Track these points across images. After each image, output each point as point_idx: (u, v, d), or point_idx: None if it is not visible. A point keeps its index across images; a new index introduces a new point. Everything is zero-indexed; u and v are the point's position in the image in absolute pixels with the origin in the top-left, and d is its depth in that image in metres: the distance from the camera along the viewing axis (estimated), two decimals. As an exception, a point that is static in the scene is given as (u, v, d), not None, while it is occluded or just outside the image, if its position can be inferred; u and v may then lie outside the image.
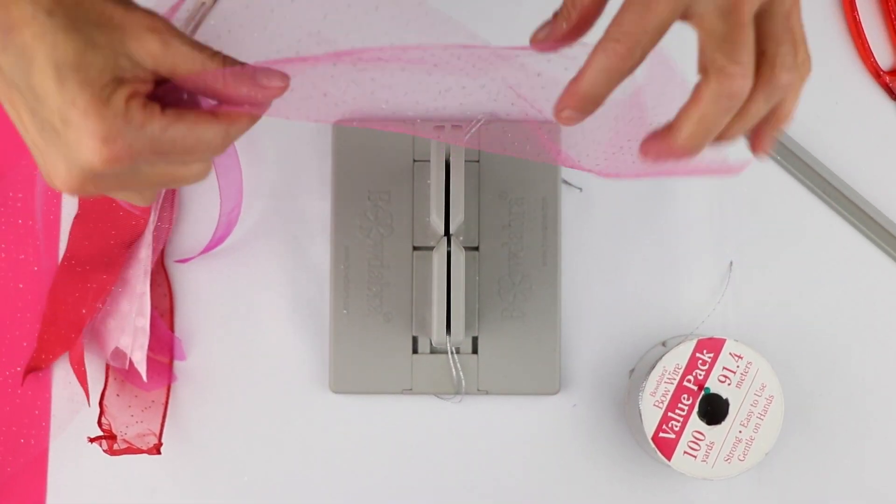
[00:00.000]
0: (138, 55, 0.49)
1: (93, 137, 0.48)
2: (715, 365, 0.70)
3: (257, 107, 0.52)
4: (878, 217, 0.76)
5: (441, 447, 0.75)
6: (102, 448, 0.71)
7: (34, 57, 0.47)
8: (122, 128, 0.48)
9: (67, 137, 0.48)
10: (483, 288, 0.74)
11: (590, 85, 0.51)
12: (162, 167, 0.51)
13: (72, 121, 0.48)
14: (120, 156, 0.48)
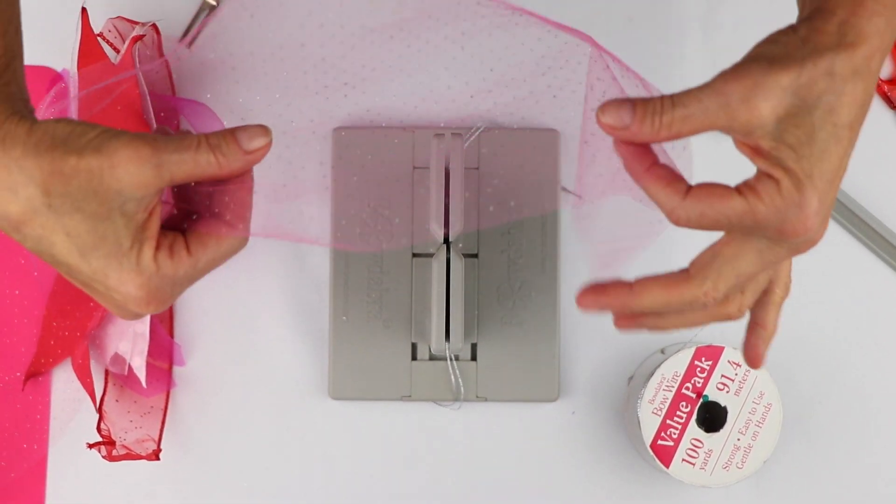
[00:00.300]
0: (138, 193, 0.50)
1: (136, 299, 0.51)
2: (713, 373, 0.70)
3: (247, 180, 0.55)
4: (877, 225, 0.76)
5: (440, 454, 0.75)
6: (101, 454, 0.71)
7: (53, 243, 0.50)
8: (158, 283, 0.51)
9: (113, 297, 0.52)
10: (482, 295, 0.74)
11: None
12: (206, 272, 0.54)
13: (111, 287, 0.51)
14: (165, 299, 0.52)
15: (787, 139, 0.49)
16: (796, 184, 0.49)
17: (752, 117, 0.48)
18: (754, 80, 0.48)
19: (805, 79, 0.48)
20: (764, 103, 0.48)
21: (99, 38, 0.74)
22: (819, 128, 0.49)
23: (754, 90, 0.48)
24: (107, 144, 0.49)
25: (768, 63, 0.49)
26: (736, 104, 0.48)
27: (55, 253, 0.50)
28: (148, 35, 0.74)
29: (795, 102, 0.48)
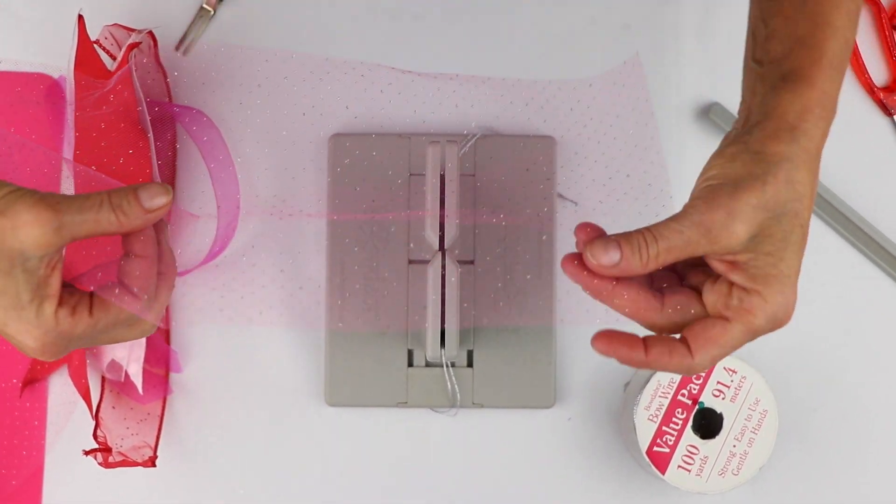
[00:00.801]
0: (38, 252, 0.53)
1: (31, 349, 0.55)
2: (709, 379, 0.70)
3: (148, 252, 0.57)
4: (872, 232, 0.76)
5: (436, 460, 0.75)
6: (97, 461, 0.71)
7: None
8: (55, 338, 0.54)
9: (12, 340, 0.55)
10: (478, 302, 0.74)
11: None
12: (108, 337, 0.57)
13: (9, 335, 0.54)
14: (60, 352, 0.55)
15: (763, 249, 0.54)
16: (780, 289, 0.54)
17: (731, 241, 0.53)
18: (727, 208, 0.53)
19: (770, 194, 0.54)
20: (740, 226, 0.53)
21: (95, 46, 0.74)
22: (790, 232, 0.54)
23: (730, 217, 0.53)
24: (11, 207, 0.52)
25: (733, 187, 0.54)
26: (717, 232, 0.53)
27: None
28: (144, 42, 0.75)
29: (766, 216, 0.54)
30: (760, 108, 0.57)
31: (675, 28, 0.78)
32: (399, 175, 0.75)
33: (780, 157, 0.54)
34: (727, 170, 0.54)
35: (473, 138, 0.75)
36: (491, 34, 0.78)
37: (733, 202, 0.53)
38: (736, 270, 0.54)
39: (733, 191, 0.53)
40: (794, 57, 0.57)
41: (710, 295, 0.56)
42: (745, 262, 0.54)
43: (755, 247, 0.54)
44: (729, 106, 0.77)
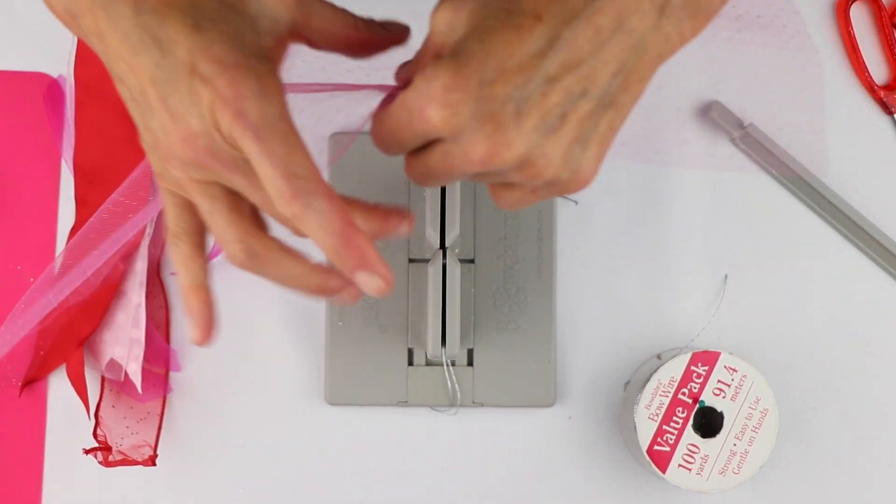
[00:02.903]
0: (276, 11, 0.48)
1: (218, 86, 0.45)
2: (710, 378, 0.70)
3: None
4: (873, 230, 0.76)
5: (436, 459, 0.75)
6: (97, 460, 0.71)
7: (170, 12, 0.45)
8: (252, 85, 0.45)
9: (191, 85, 0.45)
10: (479, 300, 0.74)
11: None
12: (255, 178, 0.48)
13: (200, 68, 0.45)
14: (237, 116, 0.45)
15: None
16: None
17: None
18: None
19: None
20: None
21: (95, 44, 0.74)
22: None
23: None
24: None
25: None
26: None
27: (165, 24, 0.45)
28: (144, 41, 0.74)
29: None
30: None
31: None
32: (399, 173, 0.75)
33: None
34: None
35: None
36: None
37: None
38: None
39: None
40: None
41: None
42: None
43: None
44: (729, 105, 0.77)
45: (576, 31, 0.45)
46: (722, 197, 0.77)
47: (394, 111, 0.48)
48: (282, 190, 0.46)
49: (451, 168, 0.47)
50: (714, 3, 0.48)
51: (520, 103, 0.45)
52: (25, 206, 0.76)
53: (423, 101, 0.46)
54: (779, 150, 0.77)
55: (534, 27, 0.44)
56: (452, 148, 0.47)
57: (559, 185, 0.48)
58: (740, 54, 0.78)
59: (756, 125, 0.77)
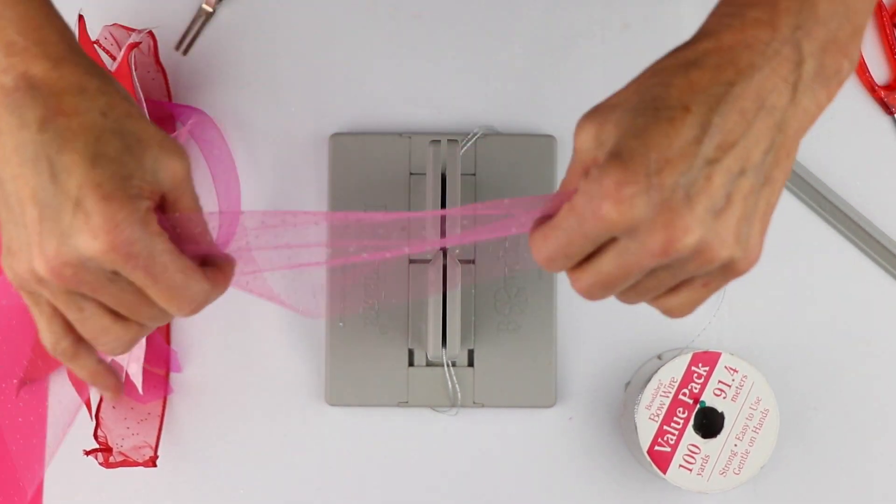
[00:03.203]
0: (164, 174, 0.50)
1: (104, 223, 0.47)
2: (710, 378, 0.70)
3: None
4: (873, 231, 0.76)
5: (437, 460, 0.75)
6: (98, 461, 0.71)
7: (73, 141, 0.48)
8: (134, 226, 0.48)
9: (73, 219, 0.48)
10: (479, 301, 0.74)
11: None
12: (131, 295, 0.50)
13: (86, 203, 0.47)
14: (119, 249, 0.48)
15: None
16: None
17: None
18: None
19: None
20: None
21: (95, 46, 0.74)
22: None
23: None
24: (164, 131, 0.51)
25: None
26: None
27: (64, 151, 0.48)
28: (144, 42, 0.75)
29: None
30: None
31: (675, 28, 0.78)
32: (399, 174, 0.75)
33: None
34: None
35: (474, 137, 0.75)
36: (491, 33, 0.78)
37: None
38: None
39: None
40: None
41: None
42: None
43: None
44: (729, 105, 0.77)
45: (724, 116, 0.47)
46: (722, 197, 0.77)
47: (561, 220, 0.48)
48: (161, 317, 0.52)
49: (628, 266, 0.48)
50: (843, 69, 0.50)
51: (687, 188, 0.46)
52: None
53: (596, 201, 0.46)
54: (779, 151, 0.77)
55: (685, 117, 0.46)
56: (628, 244, 0.47)
57: (732, 266, 0.49)
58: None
59: (756, 125, 0.77)
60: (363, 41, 0.78)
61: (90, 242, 0.47)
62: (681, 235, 0.46)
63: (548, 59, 0.78)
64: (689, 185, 0.46)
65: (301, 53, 0.78)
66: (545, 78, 0.77)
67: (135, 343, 0.53)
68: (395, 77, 0.77)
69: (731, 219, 0.47)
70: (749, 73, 0.47)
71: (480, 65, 0.77)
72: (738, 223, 0.48)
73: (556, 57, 0.78)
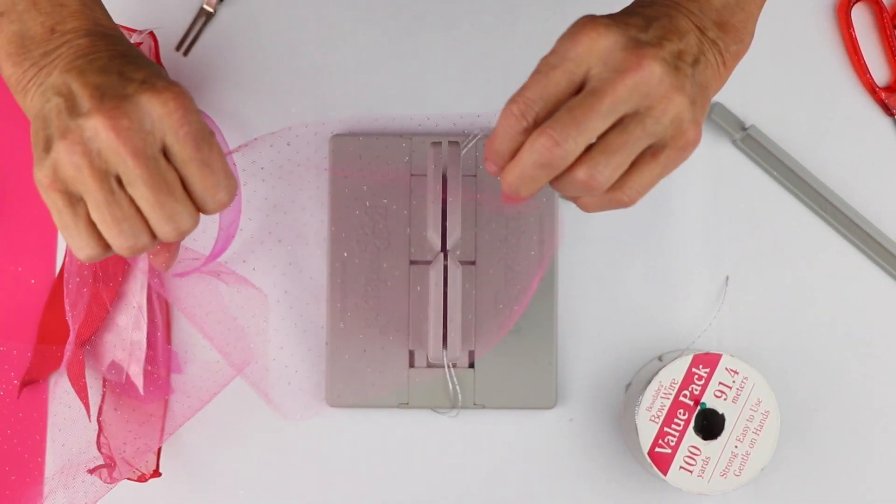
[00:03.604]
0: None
1: (172, 94, 0.52)
2: (711, 380, 0.70)
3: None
4: (874, 232, 0.76)
5: (437, 461, 0.75)
6: (102, 478, 0.71)
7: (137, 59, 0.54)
8: (195, 109, 0.53)
9: (139, 88, 0.52)
10: (480, 302, 0.74)
11: (497, 141, 0.55)
12: (171, 175, 0.53)
13: (155, 82, 0.52)
14: (183, 117, 0.52)
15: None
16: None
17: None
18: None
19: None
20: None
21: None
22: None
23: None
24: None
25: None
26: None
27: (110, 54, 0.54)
28: (145, 43, 0.74)
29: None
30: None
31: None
32: (400, 176, 0.75)
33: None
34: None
35: (475, 139, 0.75)
36: (491, 34, 0.78)
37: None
38: None
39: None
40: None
41: None
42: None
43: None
44: (730, 106, 0.77)
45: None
46: (723, 199, 0.77)
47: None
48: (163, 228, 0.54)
49: (602, 97, 0.53)
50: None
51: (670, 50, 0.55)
52: (26, 207, 0.76)
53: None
54: (780, 152, 0.77)
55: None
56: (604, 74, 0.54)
57: (681, 129, 0.54)
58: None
59: (757, 127, 0.77)
60: (364, 42, 0.78)
61: (155, 102, 0.52)
62: (650, 62, 0.53)
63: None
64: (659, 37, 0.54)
65: (301, 54, 0.77)
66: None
67: (150, 246, 0.54)
68: (395, 78, 0.77)
69: (689, 80, 0.55)
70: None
71: (481, 66, 0.77)
72: (692, 88, 0.55)
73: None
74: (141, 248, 0.53)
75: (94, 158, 0.51)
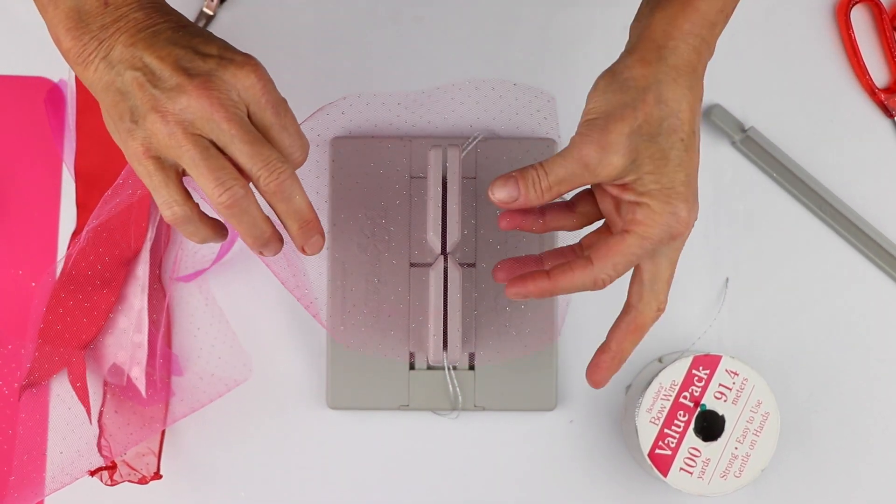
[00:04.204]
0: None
1: (255, 68, 0.56)
2: (711, 381, 0.70)
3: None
4: (873, 234, 0.76)
5: (438, 463, 0.75)
6: (102, 481, 0.71)
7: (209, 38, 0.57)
8: (270, 79, 0.57)
9: (225, 67, 0.55)
10: (480, 305, 0.74)
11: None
12: (255, 135, 0.56)
13: (234, 56, 0.56)
14: (266, 85, 0.56)
15: (643, 169, 0.57)
16: (666, 199, 0.57)
17: (609, 171, 0.57)
18: (600, 142, 0.56)
19: (641, 118, 0.56)
20: (615, 157, 0.56)
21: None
22: (669, 148, 0.57)
23: (603, 150, 0.56)
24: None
25: (605, 120, 0.56)
26: (594, 166, 0.56)
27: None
28: (145, 45, 0.74)
29: (641, 140, 0.56)
30: (635, 33, 0.59)
31: (676, 30, 0.78)
32: (400, 178, 0.75)
33: (647, 81, 0.57)
34: (601, 103, 0.57)
35: (475, 141, 0.75)
36: (491, 36, 0.78)
37: (605, 136, 0.56)
38: (625, 191, 0.58)
39: (605, 124, 0.56)
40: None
41: (606, 208, 0.60)
42: (631, 182, 0.57)
43: (636, 169, 0.57)
44: (730, 108, 0.77)
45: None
46: (723, 200, 0.77)
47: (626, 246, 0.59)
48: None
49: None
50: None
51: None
52: (27, 210, 0.76)
53: (679, 226, 0.59)
54: (779, 154, 0.77)
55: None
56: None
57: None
58: (741, 57, 0.78)
59: (757, 128, 0.77)
60: (364, 44, 0.78)
61: (239, 76, 0.55)
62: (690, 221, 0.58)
63: (548, 62, 0.78)
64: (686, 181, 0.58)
65: (301, 56, 0.78)
66: (545, 82, 0.77)
67: (244, 196, 0.56)
68: (396, 80, 0.77)
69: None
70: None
71: (481, 68, 0.77)
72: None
73: (557, 59, 0.78)
74: (238, 198, 0.55)
75: (187, 126, 0.54)
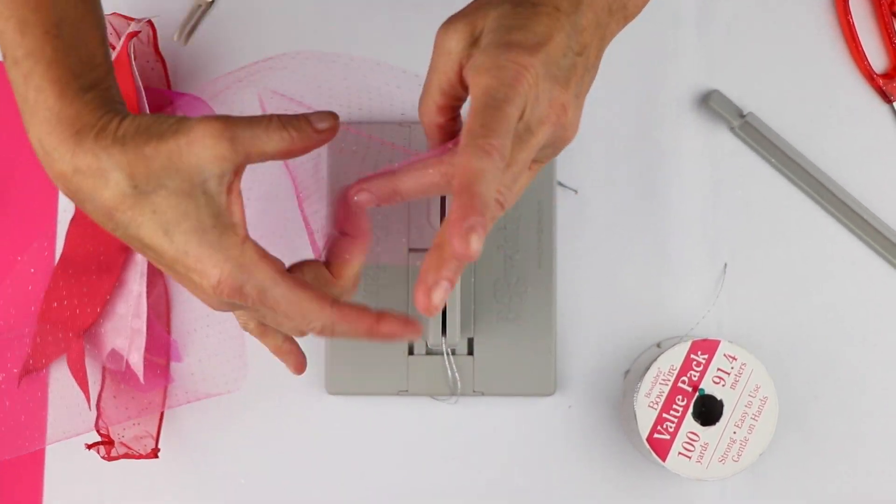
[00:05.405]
0: (216, 169, 0.52)
1: (212, 277, 0.53)
2: (709, 366, 0.70)
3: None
4: (872, 219, 0.77)
5: (437, 448, 0.75)
6: (100, 454, 0.71)
7: (140, 224, 0.52)
8: (236, 268, 0.53)
9: (192, 279, 0.54)
10: (479, 290, 0.74)
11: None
12: (270, 317, 0.56)
13: (189, 266, 0.53)
14: (235, 294, 0.53)
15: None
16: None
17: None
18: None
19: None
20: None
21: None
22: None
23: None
24: (184, 125, 0.52)
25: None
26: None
27: (142, 235, 0.53)
28: (143, 31, 0.74)
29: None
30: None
31: (674, 16, 0.78)
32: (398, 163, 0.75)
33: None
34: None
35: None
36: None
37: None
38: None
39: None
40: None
41: None
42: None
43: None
44: (728, 94, 0.77)
45: (583, 17, 0.54)
46: (721, 186, 0.77)
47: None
48: (303, 331, 0.58)
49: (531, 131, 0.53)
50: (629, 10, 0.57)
51: (566, 72, 0.54)
52: (26, 197, 0.76)
53: (511, 75, 0.52)
54: (778, 139, 0.77)
55: (559, 15, 0.54)
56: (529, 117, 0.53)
57: (565, 139, 0.55)
58: (739, 43, 0.78)
59: (755, 114, 0.77)
60: (363, 31, 0.78)
61: (210, 295, 0.54)
62: (566, 110, 0.53)
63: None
64: (568, 68, 0.53)
65: (300, 43, 0.77)
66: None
67: (304, 333, 0.58)
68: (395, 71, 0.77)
69: (581, 98, 0.54)
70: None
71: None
72: (581, 102, 0.55)
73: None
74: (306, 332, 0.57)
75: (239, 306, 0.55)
